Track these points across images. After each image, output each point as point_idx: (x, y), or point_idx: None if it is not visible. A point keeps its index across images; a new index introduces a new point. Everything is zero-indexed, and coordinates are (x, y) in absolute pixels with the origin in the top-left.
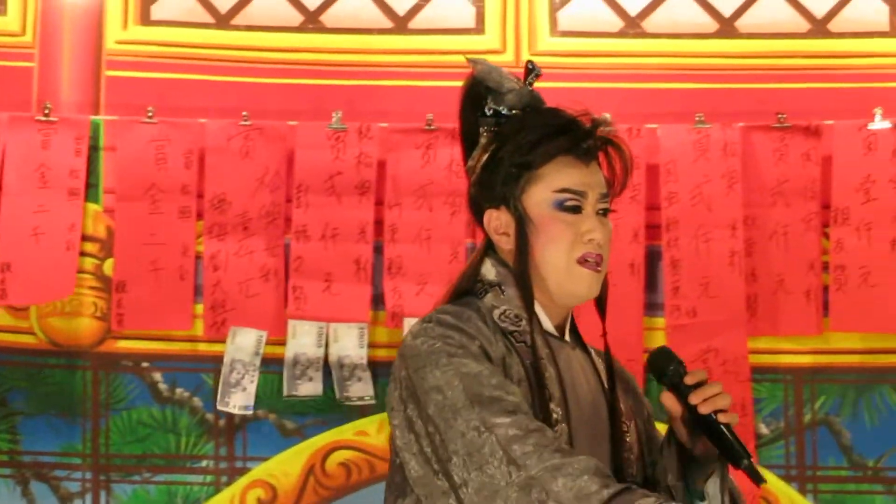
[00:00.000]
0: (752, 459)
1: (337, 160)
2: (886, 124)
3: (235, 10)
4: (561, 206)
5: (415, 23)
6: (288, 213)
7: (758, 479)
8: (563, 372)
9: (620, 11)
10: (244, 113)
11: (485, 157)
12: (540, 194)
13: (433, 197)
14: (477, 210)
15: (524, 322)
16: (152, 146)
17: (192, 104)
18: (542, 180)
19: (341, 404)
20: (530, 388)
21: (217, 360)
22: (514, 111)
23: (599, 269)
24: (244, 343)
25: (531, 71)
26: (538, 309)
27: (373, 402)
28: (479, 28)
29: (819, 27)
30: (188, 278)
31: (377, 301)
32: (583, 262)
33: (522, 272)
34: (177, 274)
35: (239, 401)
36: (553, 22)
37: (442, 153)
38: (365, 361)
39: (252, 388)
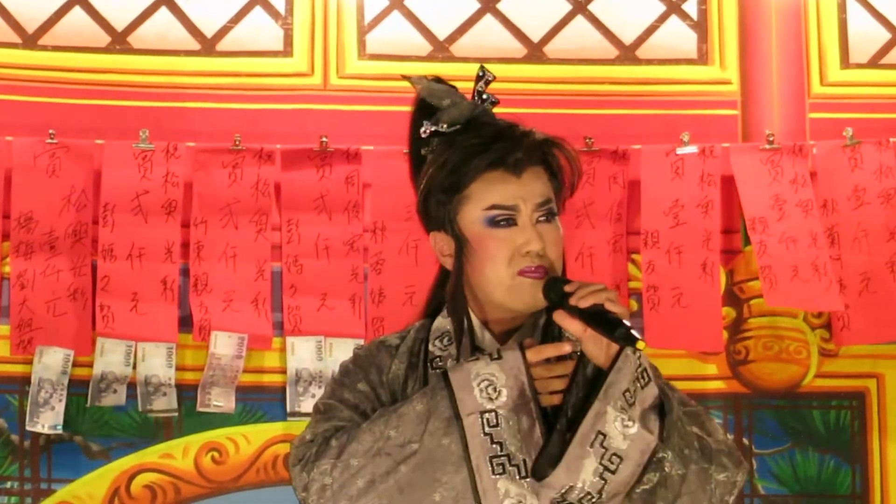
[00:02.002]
0: (627, 329)
1: (144, 179)
2: (693, 149)
3: (42, 31)
4: (492, 223)
5: (222, 45)
6: (94, 233)
7: (632, 342)
8: None
9: (429, 35)
10: (51, 131)
11: (423, 181)
12: (472, 214)
13: (239, 215)
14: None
15: (452, 347)
16: None
17: None
18: (472, 199)
19: (148, 426)
20: None
21: (23, 381)
22: (454, 127)
23: (542, 278)
24: (51, 362)
25: (481, 77)
26: (477, 327)
27: (175, 414)
28: (287, 51)
29: (627, 54)
30: None
31: (185, 323)
32: (523, 274)
33: (453, 295)
34: None
35: (48, 420)
36: (361, 45)
37: (248, 172)
38: (173, 381)
39: (60, 408)
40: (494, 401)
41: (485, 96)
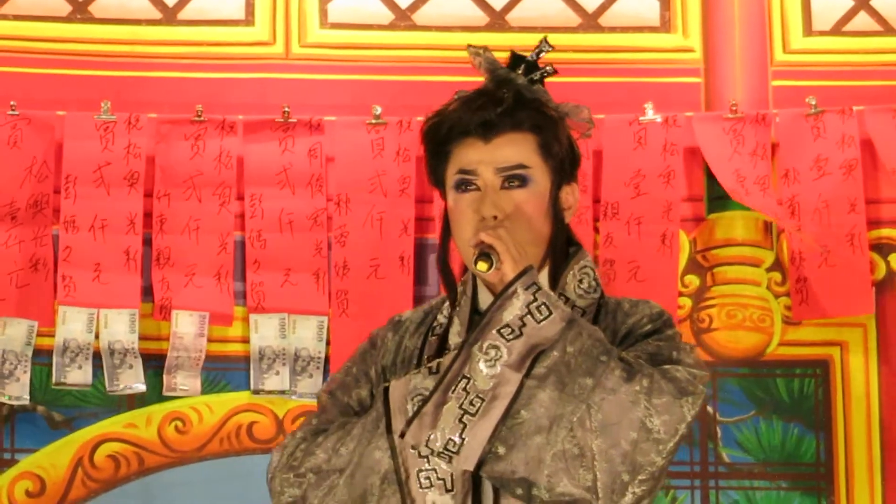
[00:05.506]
0: (478, 255)
1: (106, 151)
2: (657, 119)
3: (2, 1)
4: (457, 188)
5: (184, 14)
6: (56, 204)
7: (477, 264)
8: None
9: (391, 4)
10: (12, 102)
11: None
12: (448, 180)
13: (202, 188)
14: None
15: (455, 313)
16: None
17: None
18: (449, 165)
19: (111, 396)
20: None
21: None
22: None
23: None
24: (15, 334)
25: (537, 46)
26: (481, 290)
27: (143, 389)
28: (248, 20)
29: (590, 21)
30: None
31: (147, 292)
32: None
33: (438, 260)
34: None
35: (14, 391)
36: (323, 14)
37: (211, 144)
38: (136, 346)
39: (26, 379)
40: None
41: (548, 69)
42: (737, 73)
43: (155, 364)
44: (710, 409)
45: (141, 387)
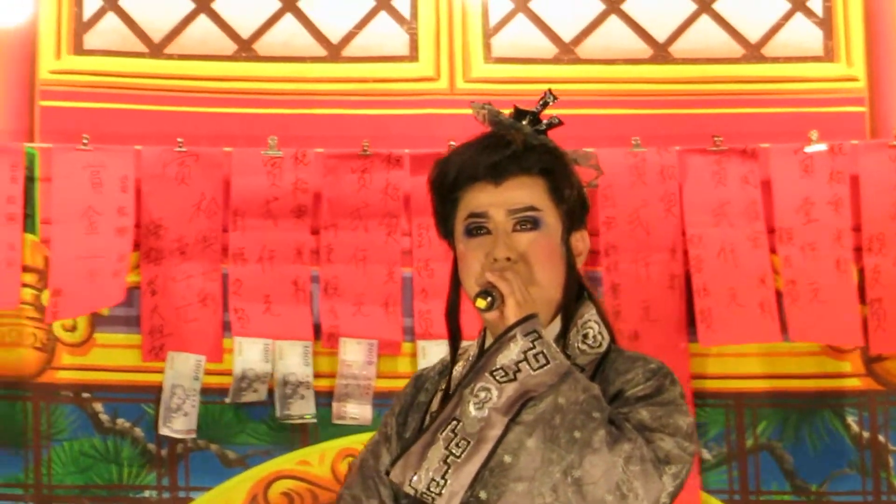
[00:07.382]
0: (477, 294)
1: (273, 186)
2: (822, 147)
3: (168, 39)
4: (468, 233)
5: (348, 50)
6: (224, 240)
7: (477, 302)
8: None
9: (554, 37)
10: (180, 140)
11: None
12: (458, 227)
13: (369, 219)
14: None
15: (459, 365)
16: (87, 172)
17: (128, 133)
18: (458, 212)
19: (284, 434)
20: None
21: (157, 390)
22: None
23: None
24: (183, 368)
25: (542, 98)
26: (489, 337)
27: (314, 420)
28: (412, 55)
29: (753, 52)
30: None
31: (318, 330)
32: None
33: (447, 312)
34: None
35: (181, 425)
36: (487, 48)
37: (377, 177)
38: (310, 379)
39: (194, 413)
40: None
41: (554, 120)
42: None
43: (324, 401)
44: (881, 437)
45: (312, 419)
